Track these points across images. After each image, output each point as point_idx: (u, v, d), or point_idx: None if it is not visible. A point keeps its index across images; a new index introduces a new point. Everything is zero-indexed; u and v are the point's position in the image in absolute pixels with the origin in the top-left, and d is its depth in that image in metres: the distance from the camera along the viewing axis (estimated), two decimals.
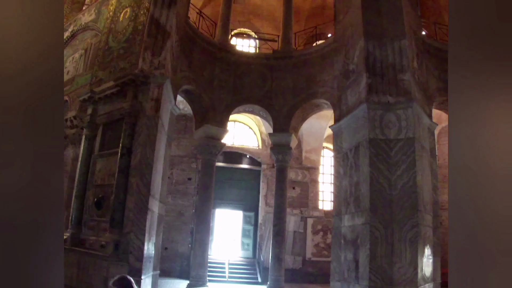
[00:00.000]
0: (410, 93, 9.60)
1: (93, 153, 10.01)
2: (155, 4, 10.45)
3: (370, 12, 10.81)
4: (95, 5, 13.08)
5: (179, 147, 18.36)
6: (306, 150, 19.78)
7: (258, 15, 20.17)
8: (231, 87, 13.85)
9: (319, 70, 13.04)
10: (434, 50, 12.19)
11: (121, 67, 10.16)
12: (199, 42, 13.28)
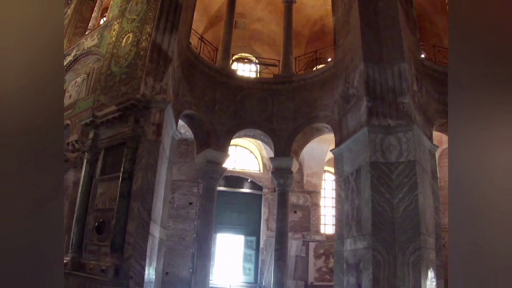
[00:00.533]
0: (411, 116, 9.63)
1: (94, 177, 10.02)
2: (157, 30, 10.59)
3: (369, 36, 10.93)
4: (97, 30, 13.27)
5: (180, 172, 18.35)
6: (308, 174, 19.76)
7: (259, 40, 20.41)
8: (232, 112, 13.91)
9: (320, 94, 13.12)
10: (434, 72, 12.29)
11: (123, 92, 10.25)
12: (201, 67, 13.40)
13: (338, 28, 13.11)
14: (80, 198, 9.93)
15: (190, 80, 12.73)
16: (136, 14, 11.55)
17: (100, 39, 12.76)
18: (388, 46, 10.61)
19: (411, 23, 12.30)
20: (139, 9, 11.55)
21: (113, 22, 12.55)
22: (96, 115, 10.22)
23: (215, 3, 18.93)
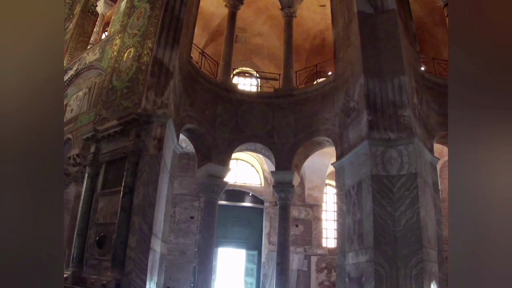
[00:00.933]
0: (411, 129, 9.65)
1: (96, 191, 10.02)
2: (158, 45, 10.66)
3: (369, 49, 11.00)
4: (99, 45, 13.37)
5: (182, 186, 18.33)
6: (309, 188, 19.72)
7: (260, 54, 20.52)
8: (233, 126, 13.94)
9: (320, 108, 13.15)
10: (434, 85, 12.35)
11: (124, 106, 10.30)
12: (202, 81, 13.46)
13: (338, 42, 13.19)
14: (81, 212, 9.93)
15: (191, 94, 12.78)
16: (138, 29, 11.65)
17: (102, 54, 12.85)
18: (388, 59, 10.68)
19: (410, 36, 12.39)
20: (141, 24, 11.65)
21: (114, 36, 12.65)
22: (98, 129, 10.26)
23: (216, 17, 19.07)
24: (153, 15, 11.44)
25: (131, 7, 12.66)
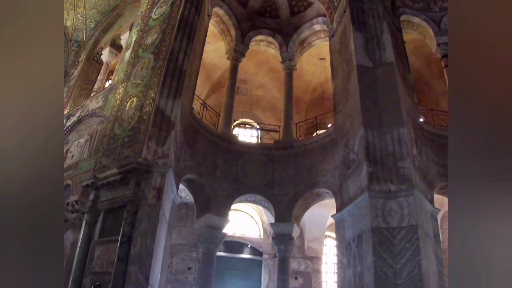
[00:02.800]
0: (411, 180, 9.65)
1: (93, 239, 9.90)
2: (161, 95, 10.82)
3: (368, 102, 11.17)
4: (102, 93, 13.58)
5: (180, 236, 18.12)
6: (309, 239, 19.48)
7: (260, 106, 20.79)
8: (233, 177, 13.93)
9: (320, 160, 13.20)
10: (433, 136, 12.46)
11: (125, 155, 10.34)
12: (203, 132, 13.57)
13: (337, 94, 13.41)
14: (77, 260, 9.77)
15: (192, 144, 12.86)
16: (141, 79, 11.86)
17: (105, 102, 13.03)
18: (387, 111, 10.82)
19: (409, 88, 12.61)
20: (144, 74, 11.87)
21: (118, 85, 12.87)
22: (98, 176, 10.25)
23: (218, 69, 19.46)
24: (156, 65, 11.68)
25: (135, 57, 12.94)
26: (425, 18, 15.83)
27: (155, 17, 13.71)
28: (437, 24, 15.58)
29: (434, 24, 15.64)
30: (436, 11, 15.90)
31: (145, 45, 12.95)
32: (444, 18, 15.52)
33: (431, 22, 15.70)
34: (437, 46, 15.19)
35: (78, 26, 18.88)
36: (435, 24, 15.63)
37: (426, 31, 15.95)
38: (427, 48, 16.85)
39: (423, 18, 15.84)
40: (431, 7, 16.04)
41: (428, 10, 15.99)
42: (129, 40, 14.97)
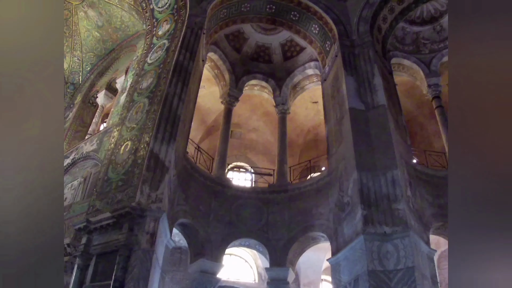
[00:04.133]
0: (406, 222, 9.62)
1: (85, 284, 9.66)
2: (155, 140, 10.84)
3: (361, 145, 11.27)
4: (97, 136, 13.59)
5: (173, 281, 17.76)
6: (304, 284, 19.14)
7: (254, 150, 20.86)
8: (228, 221, 13.81)
9: (315, 203, 13.15)
10: (426, 176, 12.52)
11: (118, 199, 10.26)
12: (197, 176, 13.54)
13: (330, 138, 13.51)
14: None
15: (186, 188, 12.80)
16: (136, 123, 11.91)
17: (99, 145, 13.03)
18: (380, 153, 10.90)
19: (401, 129, 12.74)
20: (139, 118, 11.93)
21: (113, 129, 12.90)
22: (90, 220, 10.13)
23: (212, 113, 19.63)
24: (151, 110, 11.76)
25: (131, 101, 13.04)
26: (415, 60, 16.27)
27: (150, 62, 13.91)
28: (427, 66, 16.00)
29: (424, 66, 16.06)
30: (426, 53, 16.36)
31: (140, 89, 13.08)
32: (434, 59, 16.00)
33: (421, 64, 16.13)
34: (427, 88, 15.53)
35: (74, 69, 19.14)
36: (425, 66, 16.05)
37: (416, 73, 16.33)
38: (418, 90, 17.19)
39: (413, 60, 16.27)
40: (420, 49, 16.50)
41: (418, 52, 16.44)
42: (125, 84, 15.14)
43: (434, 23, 16.48)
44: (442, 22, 16.37)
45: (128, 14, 17.25)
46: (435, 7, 16.22)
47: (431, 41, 16.57)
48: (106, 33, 18.50)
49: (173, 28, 14.39)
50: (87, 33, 18.53)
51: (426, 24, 16.53)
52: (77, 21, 18.13)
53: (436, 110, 15.23)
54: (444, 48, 16.39)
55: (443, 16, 16.31)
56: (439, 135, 15.49)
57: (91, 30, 18.43)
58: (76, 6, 17.61)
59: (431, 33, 16.57)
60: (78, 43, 18.70)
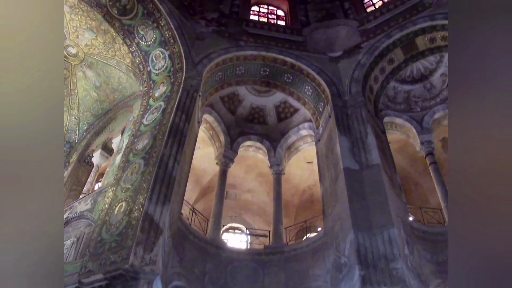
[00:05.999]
0: (405, 281, 9.47)
1: None
2: (150, 201, 10.79)
3: (356, 204, 11.26)
4: (92, 195, 13.51)
5: None
6: None
7: (250, 211, 20.73)
8: (223, 284, 13.49)
9: (311, 265, 12.95)
10: (423, 233, 12.49)
11: (112, 261, 10.06)
12: (191, 238, 13.37)
13: (326, 198, 13.50)
14: None
15: (180, 250, 12.62)
16: (131, 183, 11.88)
17: (93, 205, 12.92)
18: (376, 213, 10.89)
19: (396, 187, 12.78)
20: (134, 179, 11.91)
21: (107, 189, 12.84)
22: (83, 281, 9.91)
23: (208, 174, 19.65)
24: (146, 171, 11.77)
25: (126, 162, 13.07)
26: (407, 118, 16.61)
27: (146, 123, 14.07)
28: (419, 124, 16.32)
29: (417, 123, 16.38)
30: (417, 111, 16.74)
31: (136, 150, 13.15)
32: (425, 117, 16.36)
33: (414, 121, 16.46)
34: (420, 145, 15.78)
35: (71, 128, 19.28)
36: (417, 123, 16.37)
37: (409, 130, 16.62)
38: (411, 147, 17.41)
39: (405, 118, 16.60)
40: (412, 107, 16.88)
41: (409, 110, 16.81)
42: (121, 144, 15.23)
43: (425, 81, 16.96)
44: (432, 80, 16.85)
45: (126, 75, 17.61)
46: (425, 65, 16.74)
47: (422, 98, 16.99)
48: (104, 93, 18.80)
49: (169, 90, 14.68)
50: (85, 93, 18.83)
51: (417, 83, 17.01)
52: (76, 80, 18.47)
53: (430, 167, 15.39)
54: (435, 105, 16.80)
55: (433, 74, 16.81)
56: (434, 191, 15.53)
57: (89, 90, 18.74)
58: (75, 65, 17.99)
59: (422, 91, 17.02)
60: (76, 102, 18.96)
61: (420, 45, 16.03)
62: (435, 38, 15.68)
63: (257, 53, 16.80)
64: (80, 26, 16.14)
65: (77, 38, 16.63)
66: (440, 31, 15.36)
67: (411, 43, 16.07)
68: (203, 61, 15.59)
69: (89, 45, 16.93)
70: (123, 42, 16.22)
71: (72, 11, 15.64)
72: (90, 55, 17.37)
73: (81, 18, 15.86)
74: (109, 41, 16.46)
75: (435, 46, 15.89)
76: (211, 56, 15.91)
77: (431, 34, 15.69)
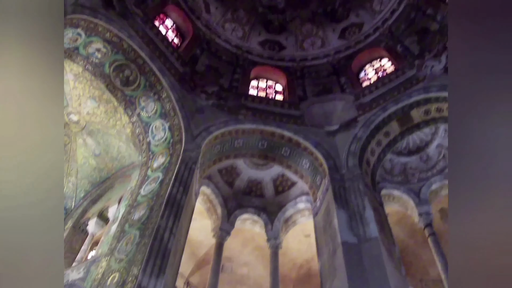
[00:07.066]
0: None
1: None
2: (144, 273, 10.58)
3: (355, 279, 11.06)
4: (84, 264, 13.22)
5: None
6: None
7: (246, 284, 20.32)
8: None
9: None
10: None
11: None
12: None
13: (324, 272, 13.26)
14: None
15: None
16: (125, 254, 11.68)
17: (86, 274, 12.60)
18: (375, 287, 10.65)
19: (395, 261, 12.57)
20: (128, 250, 11.73)
21: (101, 258, 12.57)
22: None
23: (204, 246, 19.39)
24: (141, 242, 11.62)
25: (121, 232, 12.90)
26: (404, 190, 16.66)
27: (144, 193, 14.05)
28: (417, 195, 16.36)
29: (414, 195, 16.42)
30: (414, 183, 16.84)
31: (132, 220, 13.04)
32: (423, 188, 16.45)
33: (411, 193, 16.51)
34: (419, 216, 15.74)
35: (68, 194, 19.17)
36: (415, 195, 16.42)
37: (407, 202, 16.62)
38: (409, 219, 17.34)
39: (403, 190, 16.65)
40: (409, 179, 16.98)
41: (407, 182, 16.90)
42: (117, 213, 15.10)
43: (421, 153, 17.16)
44: (428, 151, 17.04)
45: (126, 145, 17.78)
46: (421, 137, 16.99)
47: (419, 170, 17.12)
48: (103, 161, 18.87)
49: (168, 161, 14.78)
50: (84, 160, 18.89)
51: (413, 155, 17.20)
52: (76, 147, 18.59)
53: (429, 238, 15.27)
54: (432, 176, 16.93)
55: (429, 146, 17.03)
56: (434, 262, 15.30)
57: (88, 157, 18.82)
58: (76, 133, 18.16)
59: (418, 162, 17.18)
60: (74, 169, 18.98)
61: (415, 118, 16.32)
62: (429, 110, 15.99)
63: (256, 127, 17.07)
64: (83, 94, 16.46)
65: (79, 106, 16.92)
66: (435, 103, 15.68)
67: (406, 116, 16.38)
68: (202, 133, 15.80)
69: (90, 113, 17.20)
70: (124, 112, 16.51)
71: (76, 79, 15.98)
72: (91, 123, 17.60)
73: (84, 87, 16.19)
74: (110, 110, 16.75)
75: (430, 118, 16.17)
76: (210, 129, 16.15)
77: (425, 107, 15.99)
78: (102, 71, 15.91)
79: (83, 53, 15.39)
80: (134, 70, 16.13)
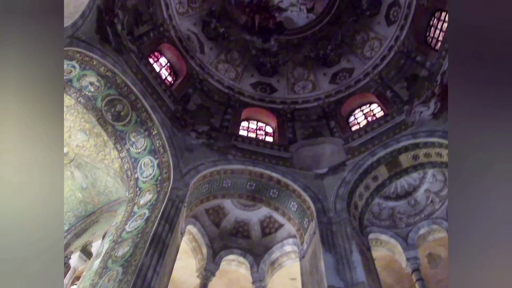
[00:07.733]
0: None
1: None
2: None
3: None
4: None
5: None
6: None
7: None
8: None
9: None
10: None
11: None
12: None
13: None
14: None
15: None
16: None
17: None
18: None
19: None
20: (110, 287, 11.46)
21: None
22: None
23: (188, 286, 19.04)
24: (124, 279, 11.35)
25: (104, 268, 12.62)
26: (392, 234, 16.64)
27: (129, 230, 13.83)
28: (405, 240, 16.35)
29: (402, 240, 16.40)
30: (402, 227, 16.85)
31: (115, 256, 12.78)
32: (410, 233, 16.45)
33: (399, 238, 16.48)
34: (406, 261, 15.69)
35: None
36: (402, 240, 16.40)
37: (394, 247, 16.57)
38: (397, 264, 17.24)
39: (390, 235, 16.63)
40: (397, 223, 16.98)
41: (394, 227, 16.89)
42: (101, 248, 14.80)
43: (409, 198, 17.23)
44: (416, 196, 17.12)
45: (113, 180, 17.61)
46: (409, 182, 17.08)
47: (407, 215, 17.17)
48: (89, 195, 18.62)
49: (155, 198, 14.64)
50: (70, 193, 18.61)
51: (401, 199, 17.27)
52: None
53: (417, 284, 15.23)
54: (420, 221, 17.01)
55: (417, 190, 17.12)
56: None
57: (75, 190, 18.55)
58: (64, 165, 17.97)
59: (406, 207, 17.23)
60: None
61: (403, 163, 16.43)
62: (418, 155, 16.12)
63: (244, 167, 17.08)
64: (73, 126, 16.39)
65: (69, 138, 16.82)
66: (423, 148, 15.82)
67: (394, 160, 16.49)
68: (191, 172, 15.74)
69: (80, 146, 17.08)
70: (113, 147, 16.44)
71: (67, 111, 15.92)
72: (80, 156, 17.46)
73: (75, 119, 16.14)
74: (100, 144, 16.68)
75: (418, 163, 16.29)
76: (199, 168, 16.11)
77: (414, 152, 16.12)
78: (94, 105, 15.94)
79: (76, 86, 15.44)
80: (126, 105, 16.19)
